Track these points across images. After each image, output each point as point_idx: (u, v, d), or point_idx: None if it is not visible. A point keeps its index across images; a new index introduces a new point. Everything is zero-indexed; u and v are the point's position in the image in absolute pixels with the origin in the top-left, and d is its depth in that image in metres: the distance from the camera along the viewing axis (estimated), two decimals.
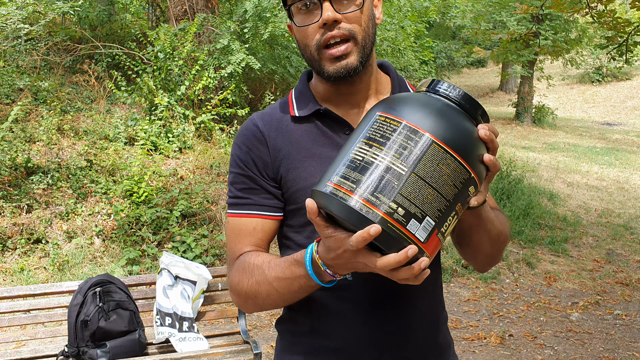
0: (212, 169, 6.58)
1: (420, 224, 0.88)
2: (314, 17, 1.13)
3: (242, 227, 1.23)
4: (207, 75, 7.53)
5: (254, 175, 1.23)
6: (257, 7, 7.93)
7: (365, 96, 1.24)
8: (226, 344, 3.42)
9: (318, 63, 1.16)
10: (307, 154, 1.21)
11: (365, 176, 0.89)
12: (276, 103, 1.32)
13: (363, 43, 1.15)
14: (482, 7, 14.79)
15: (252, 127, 1.25)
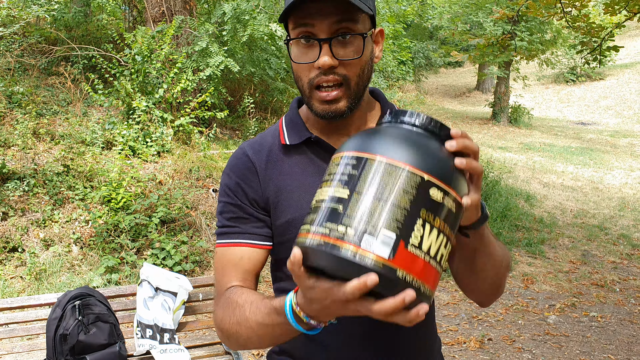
0: (191, 174, 6.53)
1: (374, 238, 0.82)
2: (311, 55, 1.11)
3: (230, 257, 1.20)
4: (185, 78, 7.47)
5: (243, 205, 1.21)
6: (236, 10, 7.89)
7: (356, 127, 1.24)
8: (208, 355, 3.41)
9: (309, 100, 1.16)
10: (297, 185, 1.20)
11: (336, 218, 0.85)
12: (267, 130, 1.31)
13: (356, 89, 1.14)
14: (459, 8, 14.93)
15: (243, 157, 1.24)
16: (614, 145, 14.33)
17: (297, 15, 1.10)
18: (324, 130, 1.23)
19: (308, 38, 1.10)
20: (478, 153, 0.95)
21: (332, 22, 1.08)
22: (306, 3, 1.07)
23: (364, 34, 1.12)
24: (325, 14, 1.07)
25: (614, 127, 17.08)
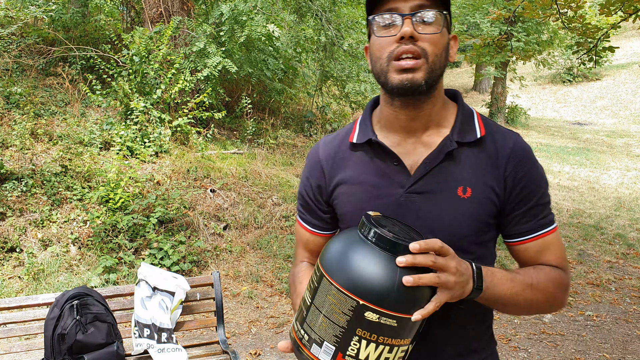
0: (189, 174, 6.55)
1: (320, 348, 1.03)
2: (392, 31, 1.18)
3: (301, 234, 1.46)
4: (183, 79, 7.49)
5: (308, 200, 1.40)
6: (234, 11, 7.91)
7: (424, 125, 1.26)
8: (205, 354, 3.43)
9: (385, 74, 1.19)
10: (356, 181, 1.30)
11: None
12: (343, 129, 1.42)
13: (432, 65, 1.17)
14: (456, 9, 14.95)
15: (314, 153, 1.41)
16: (610, 145, 14.38)
17: (384, 1, 1.19)
18: (392, 128, 1.29)
19: (390, 14, 1.17)
20: (438, 264, 1.02)
21: (415, 4, 1.17)
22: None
23: (443, 12, 1.19)
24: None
25: (610, 127, 17.14)
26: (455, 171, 1.22)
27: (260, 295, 5.16)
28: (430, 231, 1.21)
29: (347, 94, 10.45)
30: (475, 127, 1.26)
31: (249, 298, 5.09)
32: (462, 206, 1.21)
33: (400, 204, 1.23)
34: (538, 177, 1.25)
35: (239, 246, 5.80)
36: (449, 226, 1.21)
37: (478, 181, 1.22)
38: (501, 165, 1.22)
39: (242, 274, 5.42)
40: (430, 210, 1.21)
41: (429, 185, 1.22)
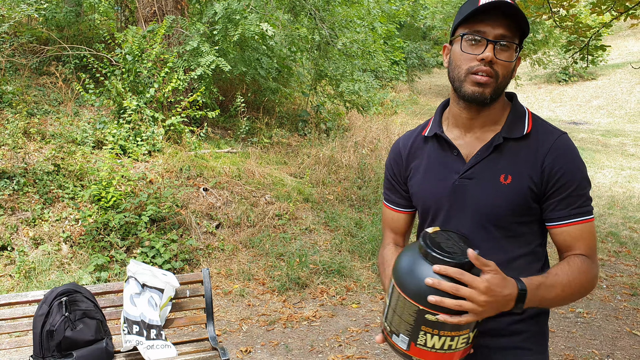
0: (181, 172, 6.56)
1: (398, 337, 1.34)
2: (477, 50, 1.43)
3: (387, 215, 1.76)
4: (176, 78, 7.49)
5: (392, 180, 1.72)
6: (227, 10, 7.91)
7: (482, 123, 1.54)
8: (194, 351, 3.44)
9: (461, 82, 1.47)
10: (424, 167, 1.61)
11: None
12: (421, 124, 1.71)
13: (500, 85, 1.45)
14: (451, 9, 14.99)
15: (396, 144, 1.73)
16: (605, 144, 14.42)
17: (475, 22, 1.43)
18: (458, 124, 1.58)
19: (479, 37, 1.43)
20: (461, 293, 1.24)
21: (499, 33, 1.42)
22: (494, 15, 1.41)
23: (519, 47, 1.47)
24: (496, 26, 1.42)
25: (606, 126, 17.18)
26: (500, 161, 1.49)
27: (252, 293, 5.17)
28: (477, 210, 1.50)
29: (341, 93, 10.46)
30: (524, 125, 1.52)
31: (240, 296, 5.09)
32: (502, 191, 1.47)
33: (455, 187, 1.53)
34: (575, 171, 1.47)
35: (231, 244, 5.80)
36: (491, 207, 1.48)
37: (518, 170, 1.47)
38: (540, 158, 1.46)
39: (234, 272, 5.42)
40: (477, 193, 1.50)
41: (478, 173, 1.50)
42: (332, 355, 4.17)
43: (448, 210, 1.54)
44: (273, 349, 4.26)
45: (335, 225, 6.63)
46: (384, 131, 10.91)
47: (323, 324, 4.74)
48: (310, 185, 7.56)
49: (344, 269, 5.73)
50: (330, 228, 6.62)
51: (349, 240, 6.35)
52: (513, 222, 1.48)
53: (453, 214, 1.53)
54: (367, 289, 5.49)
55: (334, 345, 4.34)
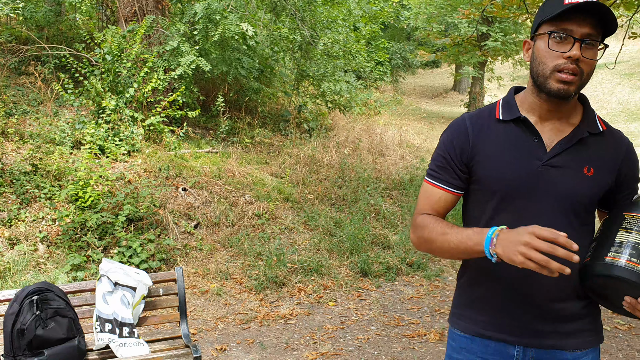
0: (160, 172, 6.56)
1: None
2: (564, 48, 1.47)
3: (432, 193, 1.69)
4: (156, 77, 7.49)
5: (450, 159, 1.65)
6: (207, 10, 7.92)
7: (558, 116, 1.59)
8: (167, 348, 3.46)
9: (545, 79, 1.51)
10: (499, 149, 1.60)
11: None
12: (484, 107, 1.71)
13: (582, 83, 1.51)
14: (434, 9, 15.10)
15: (461, 123, 1.67)
16: None
17: (562, 20, 1.47)
18: (534, 114, 1.61)
19: (566, 35, 1.47)
20: None
21: (585, 32, 1.46)
22: (582, 14, 1.45)
23: (604, 46, 1.52)
24: (583, 25, 1.46)
25: None
26: (584, 153, 1.56)
27: (229, 293, 5.19)
28: (560, 198, 1.55)
29: (323, 93, 10.51)
30: (597, 123, 1.61)
31: (217, 295, 5.12)
32: (585, 181, 1.55)
33: (537, 173, 1.55)
34: (637, 176, 1.65)
35: (209, 244, 5.82)
36: (574, 195, 1.55)
37: (600, 164, 1.57)
38: (619, 157, 1.60)
39: (212, 272, 5.44)
40: (561, 181, 1.54)
41: (563, 162, 1.55)
42: (307, 352, 4.21)
43: (528, 195, 1.55)
44: (248, 346, 4.29)
45: (314, 225, 6.67)
46: (367, 131, 10.97)
47: (299, 321, 4.78)
48: (291, 184, 7.59)
49: (322, 267, 5.77)
50: (310, 227, 6.66)
51: (327, 239, 6.39)
52: (588, 210, 1.58)
53: (533, 199, 1.55)
54: (344, 287, 5.54)
55: (309, 342, 4.38)
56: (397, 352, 4.23)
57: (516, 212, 1.56)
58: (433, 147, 11.79)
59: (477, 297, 1.66)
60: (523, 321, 1.58)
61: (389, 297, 5.39)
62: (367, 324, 4.78)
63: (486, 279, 1.62)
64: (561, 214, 1.55)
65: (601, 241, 1.48)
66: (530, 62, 1.56)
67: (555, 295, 1.57)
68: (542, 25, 1.52)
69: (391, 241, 6.54)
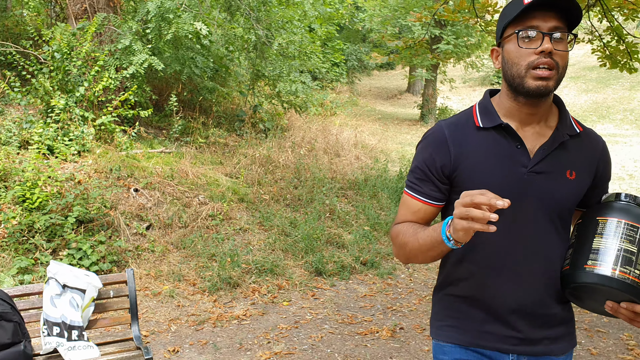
0: (112, 173, 6.44)
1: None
2: (534, 44, 1.45)
3: (411, 205, 1.64)
4: (107, 76, 7.35)
5: (428, 172, 1.59)
6: (160, 8, 7.82)
7: (538, 119, 1.56)
8: (118, 351, 3.41)
9: (522, 79, 1.47)
10: (481, 158, 1.55)
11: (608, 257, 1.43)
12: (460, 113, 1.66)
13: (560, 75, 1.48)
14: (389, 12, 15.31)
15: (439, 133, 1.60)
16: None
17: (526, 19, 1.46)
18: (514, 118, 1.57)
19: (534, 32, 1.45)
20: None
21: (552, 25, 1.45)
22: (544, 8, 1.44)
23: (575, 34, 1.49)
24: (548, 19, 1.45)
25: None
26: (565, 157, 1.55)
27: (182, 294, 5.15)
28: (546, 204, 1.53)
29: (278, 94, 10.52)
30: (573, 124, 1.60)
31: (170, 297, 5.07)
32: (569, 185, 1.55)
33: (524, 181, 1.52)
34: (610, 170, 1.67)
35: (162, 246, 5.76)
36: (559, 200, 1.54)
37: (581, 166, 1.57)
38: (595, 157, 1.60)
39: (164, 273, 5.39)
40: (546, 187, 1.53)
41: (547, 167, 1.53)
42: (261, 352, 4.23)
43: (516, 203, 1.50)
44: (201, 348, 4.27)
45: (269, 225, 6.68)
46: (323, 132, 11.04)
47: (253, 322, 4.79)
48: (246, 185, 7.58)
49: (276, 267, 5.79)
50: (265, 227, 6.66)
51: (282, 239, 6.42)
52: (570, 213, 1.59)
53: (520, 207, 1.51)
54: (299, 287, 5.58)
55: (262, 342, 4.40)
56: (350, 350, 4.30)
57: (503, 221, 1.50)
58: (387, 148, 11.97)
59: (465, 307, 1.62)
60: (516, 329, 1.56)
61: (343, 296, 5.46)
62: (321, 322, 4.83)
63: (473, 288, 1.59)
64: (549, 220, 1.54)
65: (578, 248, 1.48)
66: (502, 68, 1.54)
67: (543, 302, 1.56)
68: (507, 28, 1.51)
69: (345, 240, 6.62)
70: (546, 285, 1.53)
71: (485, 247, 1.55)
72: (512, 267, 1.54)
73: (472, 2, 6.49)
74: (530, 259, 1.53)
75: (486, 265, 1.55)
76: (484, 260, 1.56)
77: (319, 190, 7.90)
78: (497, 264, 1.54)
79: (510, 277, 1.53)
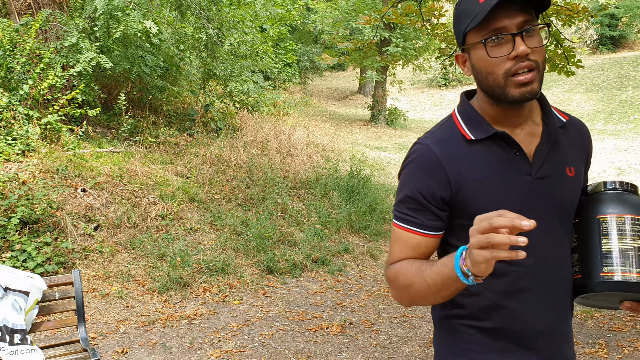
0: (58, 173, 6.30)
1: None
2: (506, 49, 1.27)
3: (409, 239, 1.39)
4: (53, 74, 7.17)
5: (423, 200, 1.36)
6: (108, 5, 7.69)
7: (525, 119, 1.40)
8: (64, 354, 3.37)
9: (502, 89, 1.30)
10: (484, 176, 1.36)
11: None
12: (440, 127, 1.44)
13: (542, 73, 1.31)
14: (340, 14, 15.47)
15: (429, 153, 1.37)
16: None
17: (489, 21, 1.27)
18: (502, 124, 1.39)
19: (502, 35, 1.26)
20: None
21: (519, 21, 1.26)
22: (506, 5, 1.26)
23: (547, 23, 1.33)
24: (513, 15, 1.26)
25: None
26: (561, 154, 1.41)
27: (131, 295, 5.11)
28: (556, 209, 1.38)
29: (230, 93, 10.50)
30: (556, 114, 1.46)
31: (119, 298, 5.02)
32: (571, 184, 1.41)
33: (532, 190, 1.35)
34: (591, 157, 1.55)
35: (110, 246, 5.68)
36: (568, 203, 1.40)
37: (575, 160, 1.44)
38: (585, 145, 1.47)
39: (113, 274, 5.32)
40: (553, 192, 1.37)
41: (548, 170, 1.37)
42: (211, 351, 4.24)
43: (525, 215, 1.27)
44: (151, 348, 4.25)
45: (221, 224, 6.68)
46: (275, 131, 11.08)
47: (204, 321, 4.79)
48: (197, 184, 7.54)
49: (228, 266, 5.80)
50: (216, 227, 6.66)
51: (234, 238, 6.43)
52: (574, 212, 1.43)
53: (531, 217, 1.31)
54: (250, 285, 5.61)
55: (213, 341, 4.42)
56: (300, 346, 4.37)
57: None
58: (339, 148, 12.11)
59: (487, 340, 1.40)
60: (540, 352, 1.39)
61: (294, 293, 5.52)
62: (272, 320, 4.88)
63: (497, 318, 1.38)
64: (561, 229, 1.39)
65: (586, 253, 1.35)
66: (475, 77, 1.36)
67: (566, 318, 1.42)
68: (468, 35, 1.33)
69: (297, 239, 6.69)
70: (566, 301, 1.39)
71: (504, 273, 1.36)
72: (536, 288, 1.37)
73: (418, 6, 6.67)
74: (551, 276, 1.38)
75: (509, 292, 1.36)
76: (508, 286, 1.36)
77: (271, 189, 7.94)
78: (521, 287, 1.36)
79: (536, 299, 1.36)
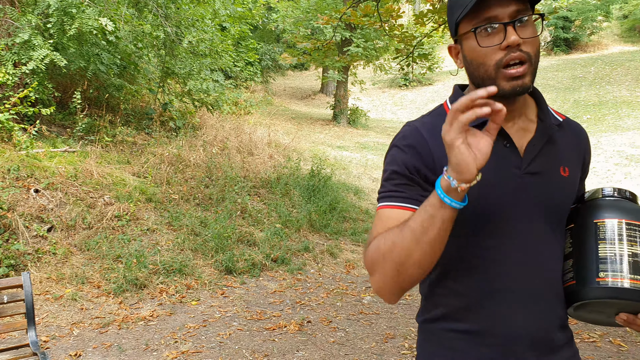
0: (9, 173, 6.13)
1: None
2: (496, 40, 1.23)
3: (393, 216, 1.27)
4: (4, 72, 6.98)
5: (411, 175, 1.30)
6: (62, 2, 7.52)
7: (518, 113, 1.35)
8: (13, 358, 3.29)
9: (493, 81, 1.25)
10: None
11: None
12: (432, 114, 1.39)
13: (535, 66, 1.26)
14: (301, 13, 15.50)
15: (416, 133, 1.33)
16: None
17: (481, 10, 1.23)
18: None
19: (495, 24, 1.22)
20: None
21: (512, 10, 1.22)
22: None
23: (542, 14, 1.29)
24: (505, 4, 1.22)
25: None
26: (556, 152, 1.37)
27: (85, 297, 5.01)
28: (547, 208, 1.33)
29: (189, 91, 10.39)
30: (553, 113, 1.42)
31: (72, 300, 4.92)
32: (565, 184, 1.36)
33: (520, 184, 1.31)
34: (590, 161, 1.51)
35: (64, 248, 5.56)
36: (559, 202, 1.34)
37: (571, 160, 1.39)
38: (582, 147, 1.43)
39: (67, 276, 5.22)
40: (543, 189, 1.32)
41: (540, 166, 1.33)
42: (167, 352, 4.21)
43: (511, 210, 1.30)
44: (105, 350, 4.19)
45: (178, 225, 6.62)
46: (236, 130, 11.02)
47: (160, 322, 4.75)
48: (154, 184, 7.45)
49: (185, 267, 5.76)
50: (174, 227, 6.59)
51: (192, 238, 6.38)
52: (567, 214, 1.38)
53: (518, 213, 1.30)
54: (208, 286, 5.58)
55: (169, 342, 4.38)
56: (258, 345, 4.37)
57: (501, 236, 1.30)
58: (301, 147, 12.13)
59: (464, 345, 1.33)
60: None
61: (253, 293, 5.52)
62: (230, 320, 4.87)
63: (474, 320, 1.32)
64: (550, 229, 1.34)
65: (581, 258, 1.29)
66: (466, 68, 1.32)
67: (551, 324, 1.34)
68: (460, 24, 1.29)
69: (257, 238, 6.68)
70: (553, 304, 1.32)
71: (485, 270, 1.30)
72: (518, 289, 1.29)
73: (376, 7, 6.75)
74: (534, 276, 1.30)
75: (489, 291, 1.29)
76: (486, 284, 1.29)
77: (231, 189, 7.90)
78: (501, 287, 1.29)
79: (518, 300, 1.29)
